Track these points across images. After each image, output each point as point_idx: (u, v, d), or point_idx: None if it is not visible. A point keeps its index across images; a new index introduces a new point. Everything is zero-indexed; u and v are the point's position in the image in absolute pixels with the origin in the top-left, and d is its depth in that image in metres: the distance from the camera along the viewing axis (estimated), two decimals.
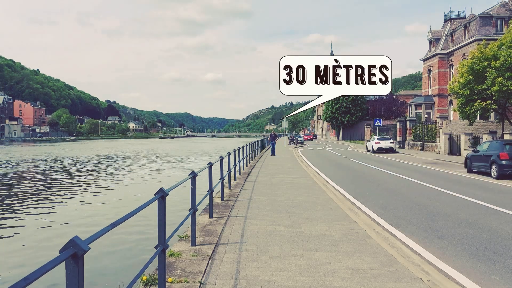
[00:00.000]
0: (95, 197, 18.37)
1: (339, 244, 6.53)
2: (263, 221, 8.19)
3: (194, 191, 6.15)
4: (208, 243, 6.47)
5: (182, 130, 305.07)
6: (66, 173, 29.09)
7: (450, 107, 41.74)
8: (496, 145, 17.14)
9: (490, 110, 26.29)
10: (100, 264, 9.04)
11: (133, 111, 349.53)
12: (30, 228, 12.69)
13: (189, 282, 4.76)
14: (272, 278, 4.94)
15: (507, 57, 22.30)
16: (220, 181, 10.62)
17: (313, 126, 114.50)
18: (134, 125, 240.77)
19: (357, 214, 9.06)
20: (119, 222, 2.92)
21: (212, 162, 8.56)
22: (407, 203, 10.71)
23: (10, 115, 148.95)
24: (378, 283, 4.81)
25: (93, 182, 24.16)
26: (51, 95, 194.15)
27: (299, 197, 11.38)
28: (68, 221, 13.48)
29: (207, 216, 8.47)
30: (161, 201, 4.07)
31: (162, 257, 4.15)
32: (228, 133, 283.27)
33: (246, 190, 12.68)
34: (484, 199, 11.15)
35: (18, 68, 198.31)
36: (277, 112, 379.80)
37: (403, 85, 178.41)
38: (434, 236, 7.35)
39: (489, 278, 5.22)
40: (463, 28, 41.90)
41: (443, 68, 45.65)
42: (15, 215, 14.66)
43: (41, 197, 18.41)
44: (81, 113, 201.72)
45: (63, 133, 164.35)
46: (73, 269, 2.16)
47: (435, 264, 5.74)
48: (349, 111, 63.89)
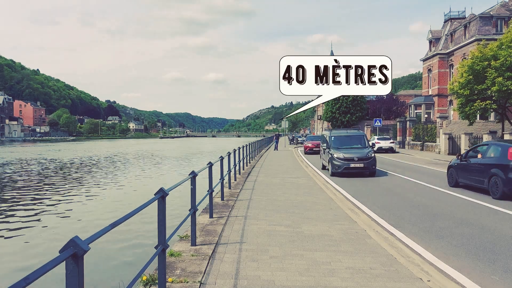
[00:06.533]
0: (95, 197, 18.37)
1: (339, 244, 6.53)
2: (263, 221, 8.19)
3: (194, 191, 6.15)
4: (208, 243, 6.47)
5: (182, 130, 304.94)
6: (65, 173, 29.09)
7: (450, 107, 41.74)
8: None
9: (490, 110, 26.30)
10: (100, 264, 9.04)
11: (133, 111, 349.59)
12: (30, 228, 12.69)
13: (189, 282, 4.76)
14: (272, 278, 4.94)
15: (507, 57, 22.30)
16: (220, 181, 10.62)
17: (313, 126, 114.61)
18: (134, 125, 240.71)
19: (357, 214, 9.06)
20: (119, 222, 2.92)
21: (212, 162, 8.57)
22: (407, 203, 10.71)
23: (10, 115, 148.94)
24: (378, 283, 4.81)
25: (93, 182, 24.17)
26: (51, 95, 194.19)
27: (299, 197, 11.38)
28: (68, 221, 13.49)
29: (207, 216, 8.47)
30: (161, 201, 4.07)
31: (162, 257, 4.15)
32: (228, 133, 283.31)
33: (246, 190, 12.68)
34: (484, 200, 11.12)
35: (18, 68, 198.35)
36: (277, 112, 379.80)
37: (403, 85, 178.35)
38: (434, 236, 7.35)
39: (489, 278, 5.22)
40: (463, 28, 41.90)
41: (443, 68, 45.64)
42: (15, 215, 14.66)
43: (41, 197, 18.41)
44: (81, 113, 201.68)
45: (63, 133, 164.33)
46: (73, 269, 2.16)
47: (435, 264, 5.74)
48: (349, 111, 63.87)
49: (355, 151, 17.14)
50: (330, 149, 17.54)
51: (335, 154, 16.93)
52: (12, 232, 12.17)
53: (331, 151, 17.39)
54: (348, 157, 16.60)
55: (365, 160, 16.57)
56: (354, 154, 16.75)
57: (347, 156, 16.67)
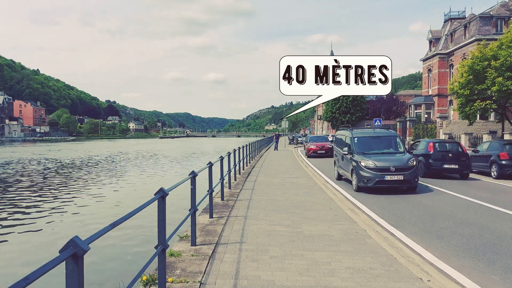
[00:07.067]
0: (95, 197, 18.36)
1: (339, 244, 6.53)
2: (263, 221, 8.19)
3: (194, 191, 6.15)
4: (208, 243, 6.47)
5: (182, 130, 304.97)
6: (66, 173, 29.09)
7: (450, 107, 41.74)
8: (496, 145, 17.13)
9: (490, 110, 26.27)
10: (100, 264, 9.04)
11: (133, 111, 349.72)
12: (30, 227, 12.69)
13: (189, 282, 4.76)
14: (272, 278, 4.94)
15: (507, 57, 22.28)
16: (220, 181, 10.62)
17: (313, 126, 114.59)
18: (134, 125, 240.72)
19: (357, 214, 9.06)
20: (119, 222, 2.92)
21: (212, 162, 8.56)
22: (407, 203, 10.71)
23: (10, 115, 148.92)
24: (378, 283, 4.81)
25: (93, 182, 24.16)
26: (51, 95, 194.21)
27: (299, 197, 11.38)
28: (68, 221, 13.48)
29: (207, 216, 8.47)
30: (161, 201, 4.07)
31: (162, 257, 4.15)
32: (228, 133, 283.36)
33: (246, 190, 12.68)
34: (484, 199, 11.14)
35: (18, 68, 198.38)
36: (277, 112, 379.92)
37: (403, 85, 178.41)
38: (434, 236, 7.35)
39: (489, 278, 5.22)
40: (463, 28, 41.90)
41: (443, 68, 45.64)
42: (15, 215, 14.66)
43: (41, 197, 18.41)
44: (81, 113, 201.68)
45: (63, 133, 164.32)
46: (73, 269, 2.16)
47: (435, 264, 5.75)
48: (349, 111, 63.87)
49: (389, 157, 12.96)
50: (354, 155, 13.28)
51: (362, 162, 12.66)
52: (12, 232, 12.17)
53: (355, 157, 13.14)
54: (382, 167, 12.37)
55: (405, 170, 12.35)
56: (390, 162, 12.54)
57: (381, 165, 12.42)
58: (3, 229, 12.62)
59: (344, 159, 14.36)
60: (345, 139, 14.76)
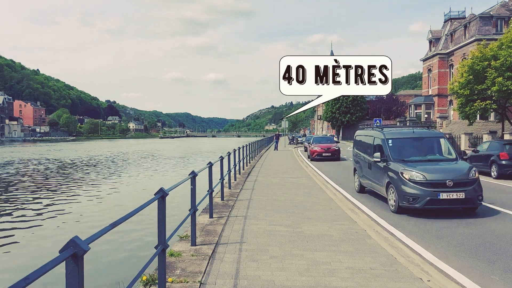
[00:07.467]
0: (96, 197, 18.36)
1: (339, 244, 6.53)
2: (263, 221, 8.19)
3: (194, 191, 6.15)
4: (208, 243, 6.47)
5: (182, 130, 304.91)
6: (66, 173, 29.09)
7: (450, 107, 41.74)
8: (496, 145, 17.10)
9: (490, 110, 26.29)
10: (100, 264, 9.04)
11: (133, 111, 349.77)
12: (30, 227, 12.69)
13: (189, 282, 4.76)
14: (272, 278, 4.94)
15: (507, 57, 22.29)
16: (220, 181, 10.62)
17: (313, 126, 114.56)
18: (134, 125, 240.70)
19: (357, 214, 9.06)
20: (119, 222, 2.92)
21: (212, 162, 8.56)
22: None
23: (10, 115, 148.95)
24: (378, 283, 4.80)
25: (93, 182, 24.16)
26: (51, 95, 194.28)
27: (299, 197, 11.38)
28: (68, 221, 13.48)
29: (207, 216, 8.47)
30: (161, 201, 4.07)
31: (162, 257, 4.15)
32: (228, 133, 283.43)
33: (246, 190, 12.68)
34: (484, 199, 11.11)
35: (18, 68, 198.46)
36: (277, 112, 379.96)
37: (403, 85, 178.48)
38: (434, 236, 7.35)
39: (489, 278, 5.22)
40: (463, 28, 41.91)
41: (443, 68, 45.66)
42: (15, 215, 14.65)
43: (41, 197, 18.41)
44: (81, 113, 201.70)
45: (63, 133, 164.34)
46: (73, 269, 2.16)
47: (435, 264, 5.75)
48: (349, 111, 63.86)
49: (442, 167, 9.59)
50: (390, 163, 9.89)
51: (405, 174, 9.15)
52: (12, 232, 12.16)
53: (392, 165, 9.74)
54: (435, 180, 8.85)
55: (467, 185, 8.91)
56: (445, 173, 9.08)
57: (433, 177, 8.91)
58: (3, 229, 12.62)
59: (372, 167, 10.98)
60: (373, 141, 11.26)
